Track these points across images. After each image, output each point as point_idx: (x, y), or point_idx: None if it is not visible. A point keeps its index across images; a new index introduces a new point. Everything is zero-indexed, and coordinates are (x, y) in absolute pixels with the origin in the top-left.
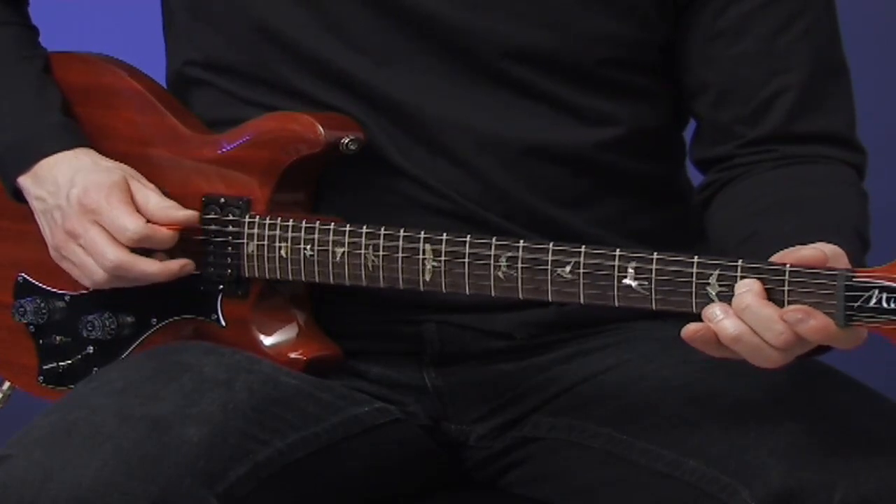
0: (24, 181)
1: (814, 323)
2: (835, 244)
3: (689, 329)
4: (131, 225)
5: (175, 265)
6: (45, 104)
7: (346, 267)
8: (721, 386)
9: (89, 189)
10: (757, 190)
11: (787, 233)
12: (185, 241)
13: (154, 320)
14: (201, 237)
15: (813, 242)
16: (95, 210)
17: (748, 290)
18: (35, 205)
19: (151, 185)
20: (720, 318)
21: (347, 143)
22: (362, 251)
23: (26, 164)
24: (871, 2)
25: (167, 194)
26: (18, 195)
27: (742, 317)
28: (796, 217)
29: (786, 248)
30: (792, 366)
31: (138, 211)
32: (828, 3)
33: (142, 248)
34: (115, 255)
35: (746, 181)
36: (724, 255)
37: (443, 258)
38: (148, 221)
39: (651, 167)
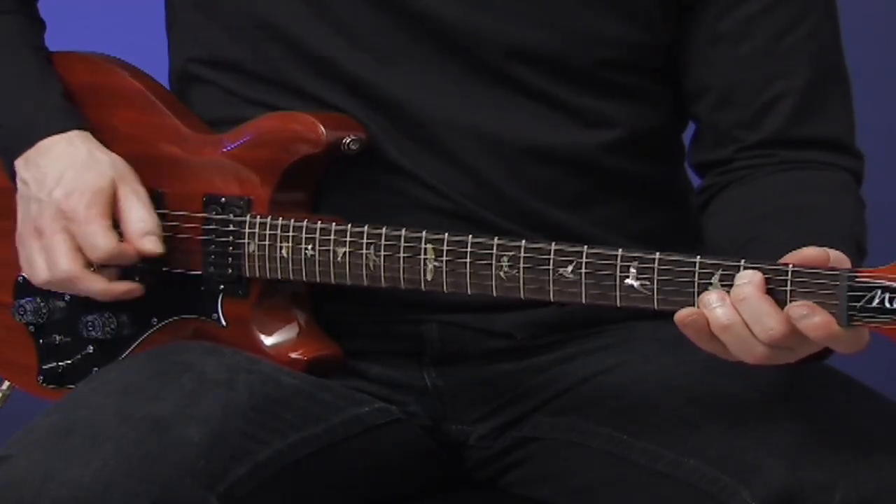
0: (18, 163)
1: (817, 319)
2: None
3: (683, 313)
4: (102, 244)
5: (119, 288)
6: (44, 89)
7: (348, 267)
8: (721, 386)
9: (72, 194)
10: (755, 195)
11: (783, 239)
12: (186, 241)
13: (154, 320)
14: (202, 237)
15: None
16: (72, 218)
17: (749, 281)
18: (18, 185)
19: (142, 191)
20: (715, 306)
21: (349, 143)
22: (364, 251)
23: (23, 146)
24: (871, 2)
25: (168, 194)
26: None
27: (738, 307)
28: (793, 224)
29: (782, 254)
30: (788, 369)
31: (119, 219)
32: (829, 9)
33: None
34: (68, 267)
35: (744, 186)
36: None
37: (444, 258)
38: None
39: (651, 169)
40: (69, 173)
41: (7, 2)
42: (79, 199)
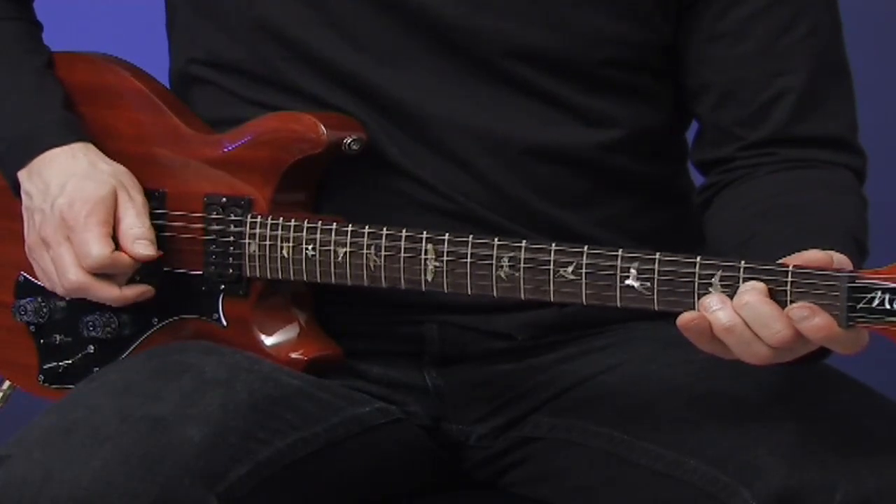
0: (21, 175)
1: (818, 321)
2: (832, 250)
3: (685, 317)
4: (95, 252)
5: (132, 293)
6: (45, 99)
7: (348, 267)
8: (721, 386)
9: (74, 202)
10: (756, 193)
11: (784, 238)
12: (187, 241)
13: (155, 320)
14: (203, 237)
15: (811, 247)
16: (72, 227)
17: (751, 288)
18: (23, 198)
19: (139, 198)
20: (715, 309)
21: (350, 143)
22: (364, 251)
23: (25, 159)
24: (871, 2)
25: (169, 194)
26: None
27: (740, 312)
28: (794, 222)
29: (783, 252)
30: (788, 369)
31: (115, 226)
32: (830, 6)
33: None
34: (76, 276)
35: (746, 184)
36: (724, 256)
37: (445, 258)
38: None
39: (653, 168)
40: (72, 182)
41: (5, 8)
42: (80, 208)
